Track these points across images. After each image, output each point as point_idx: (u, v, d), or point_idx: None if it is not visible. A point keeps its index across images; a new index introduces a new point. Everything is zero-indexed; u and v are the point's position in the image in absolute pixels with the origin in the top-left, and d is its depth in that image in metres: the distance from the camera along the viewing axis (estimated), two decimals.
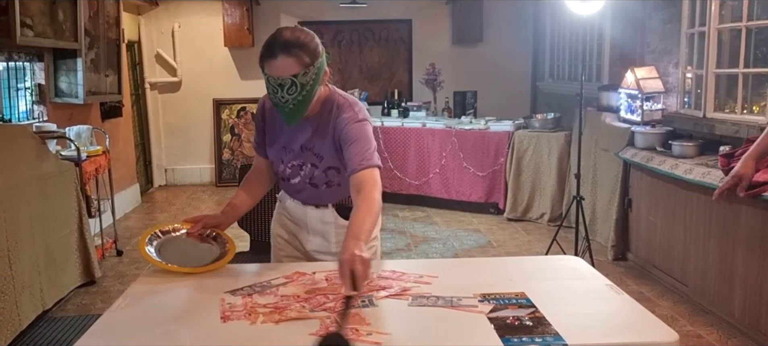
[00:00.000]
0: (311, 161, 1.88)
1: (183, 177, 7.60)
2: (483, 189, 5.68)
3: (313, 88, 1.74)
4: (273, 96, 1.74)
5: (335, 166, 1.87)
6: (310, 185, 1.90)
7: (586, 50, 5.95)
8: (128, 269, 4.32)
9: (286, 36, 1.71)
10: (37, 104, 4.61)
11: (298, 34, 1.74)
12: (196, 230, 1.90)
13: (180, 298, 1.63)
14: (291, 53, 1.69)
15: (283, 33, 1.73)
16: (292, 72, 1.69)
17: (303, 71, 1.70)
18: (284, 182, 1.96)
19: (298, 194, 1.96)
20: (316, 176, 1.88)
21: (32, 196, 3.29)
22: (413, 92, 7.42)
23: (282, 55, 1.69)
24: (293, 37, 1.71)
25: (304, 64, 1.70)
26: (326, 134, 1.85)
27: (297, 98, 1.72)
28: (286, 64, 1.69)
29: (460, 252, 4.68)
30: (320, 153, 1.87)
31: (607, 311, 1.53)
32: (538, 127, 5.52)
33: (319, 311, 1.49)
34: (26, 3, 3.85)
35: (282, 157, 1.92)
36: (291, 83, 1.70)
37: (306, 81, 1.71)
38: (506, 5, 7.35)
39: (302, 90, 1.71)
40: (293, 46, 1.69)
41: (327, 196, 1.93)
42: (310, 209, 1.96)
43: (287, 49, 1.69)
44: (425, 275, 1.72)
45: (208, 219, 1.92)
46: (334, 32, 7.46)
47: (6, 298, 2.95)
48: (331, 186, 1.90)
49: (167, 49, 7.31)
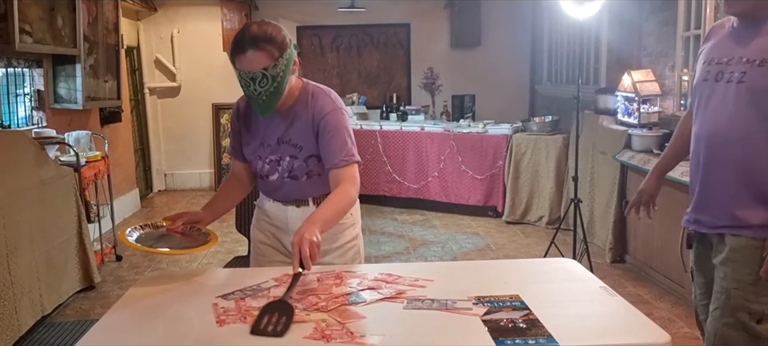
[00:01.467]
0: (290, 153, 1.90)
1: (182, 182, 7.62)
2: (481, 192, 5.69)
3: (284, 79, 1.79)
4: (246, 89, 1.80)
5: (316, 153, 1.89)
6: (289, 178, 1.92)
7: (584, 53, 5.98)
8: (127, 274, 4.33)
9: (254, 30, 1.77)
10: (36, 110, 4.63)
11: (266, 27, 1.79)
12: (177, 225, 1.93)
13: (176, 302, 1.64)
14: (260, 47, 1.75)
15: (250, 28, 1.79)
16: (262, 65, 1.75)
17: (272, 64, 1.76)
18: (262, 180, 1.98)
19: (277, 192, 1.97)
20: (297, 166, 1.90)
21: (31, 201, 3.30)
22: (412, 96, 7.45)
23: (251, 50, 1.75)
24: (261, 32, 1.77)
25: (273, 57, 1.76)
26: (304, 124, 1.88)
27: (269, 90, 1.77)
28: (255, 58, 1.75)
29: (459, 255, 4.69)
30: (298, 143, 1.89)
31: (600, 313, 1.54)
32: (536, 130, 5.53)
33: (312, 311, 1.50)
34: (25, 9, 3.87)
35: (260, 153, 1.94)
36: (262, 76, 1.75)
37: (276, 73, 1.76)
38: (504, 9, 7.38)
39: (273, 82, 1.77)
40: (261, 40, 1.75)
41: (307, 188, 1.93)
42: (290, 209, 1.97)
43: (256, 44, 1.75)
44: (421, 278, 1.73)
45: (188, 215, 1.95)
46: (333, 37, 7.49)
47: (5, 303, 2.96)
48: (311, 176, 1.91)
49: (166, 54, 7.33)
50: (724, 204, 1.81)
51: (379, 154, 6.13)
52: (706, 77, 1.86)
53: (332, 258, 1.97)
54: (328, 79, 7.47)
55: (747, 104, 1.73)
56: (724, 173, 1.80)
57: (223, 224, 5.32)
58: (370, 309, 1.53)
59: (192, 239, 1.93)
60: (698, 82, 1.89)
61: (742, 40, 1.78)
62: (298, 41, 7.49)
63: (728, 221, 1.80)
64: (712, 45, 1.91)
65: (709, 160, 1.85)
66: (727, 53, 1.81)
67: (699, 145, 1.87)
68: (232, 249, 4.81)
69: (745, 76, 1.74)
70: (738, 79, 1.75)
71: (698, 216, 1.91)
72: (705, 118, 1.85)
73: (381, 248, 4.90)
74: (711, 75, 1.84)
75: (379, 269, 1.83)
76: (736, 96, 1.75)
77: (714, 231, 1.86)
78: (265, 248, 2.06)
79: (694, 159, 1.90)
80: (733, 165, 1.78)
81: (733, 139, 1.77)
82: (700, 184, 1.88)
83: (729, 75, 1.78)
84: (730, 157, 1.78)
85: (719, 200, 1.83)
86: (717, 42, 1.89)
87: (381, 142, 6.12)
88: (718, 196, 1.83)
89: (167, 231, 1.93)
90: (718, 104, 1.81)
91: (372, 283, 1.69)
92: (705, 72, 1.87)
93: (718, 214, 1.83)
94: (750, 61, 1.73)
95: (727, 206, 1.80)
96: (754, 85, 1.71)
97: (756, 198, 1.76)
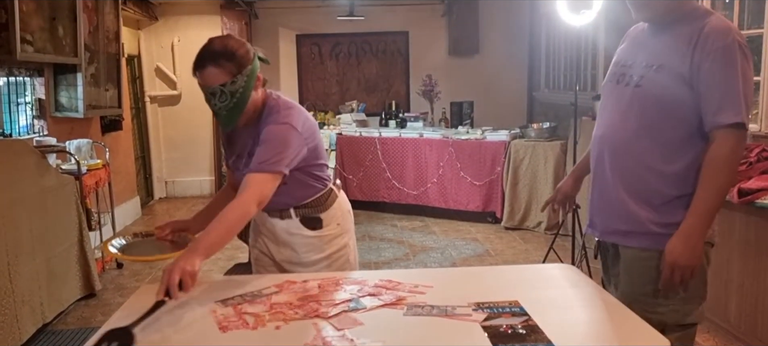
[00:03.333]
0: None
1: (183, 189, 7.63)
2: (480, 198, 5.71)
3: (244, 95, 1.79)
4: (208, 103, 1.81)
5: None
6: None
7: (581, 60, 6.01)
8: (128, 282, 4.34)
9: (215, 46, 1.78)
10: (37, 119, 4.65)
11: (226, 42, 1.80)
12: (165, 232, 1.95)
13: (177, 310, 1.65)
14: (217, 64, 1.76)
15: (212, 43, 1.80)
16: (219, 81, 1.76)
17: (230, 80, 1.76)
18: None
19: None
20: None
21: (33, 210, 3.31)
22: (411, 103, 7.48)
23: (210, 66, 1.77)
24: (220, 47, 1.78)
25: (231, 74, 1.76)
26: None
27: (228, 106, 1.78)
28: (212, 74, 1.76)
29: (458, 261, 4.70)
30: None
31: (599, 318, 1.56)
32: (534, 136, 5.55)
33: (313, 317, 1.52)
34: (26, 19, 3.89)
35: (238, 166, 1.96)
36: (220, 92, 1.77)
37: (234, 89, 1.77)
38: (502, 17, 7.42)
39: (232, 98, 1.77)
40: (219, 57, 1.76)
41: (282, 196, 1.87)
42: (276, 221, 1.98)
43: (214, 60, 1.76)
44: (420, 285, 1.74)
45: (176, 223, 1.98)
46: (333, 45, 7.52)
47: (6, 311, 2.96)
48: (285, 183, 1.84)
49: (167, 62, 7.35)
50: (613, 210, 1.78)
51: (379, 161, 6.15)
52: (610, 79, 1.84)
53: (320, 268, 1.97)
54: (328, 86, 7.50)
55: (637, 109, 1.70)
56: (611, 178, 1.77)
57: None
58: (370, 316, 1.54)
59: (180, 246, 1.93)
60: (604, 84, 1.87)
61: (647, 43, 1.75)
62: (298, 49, 7.51)
63: (619, 228, 1.78)
64: (623, 47, 1.88)
65: (598, 164, 1.82)
66: (632, 56, 1.78)
67: (594, 148, 1.86)
68: (232, 256, 4.82)
69: (642, 79, 1.70)
70: (635, 82, 1.72)
71: (593, 219, 1.89)
72: (600, 120, 1.84)
73: (381, 254, 4.91)
74: (614, 77, 1.82)
75: (379, 275, 1.84)
76: (629, 100, 1.72)
77: (607, 238, 1.85)
78: (262, 257, 2.08)
79: (592, 161, 1.88)
80: (620, 171, 1.74)
81: (620, 144, 1.74)
82: (592, 187, 1.86)
83: (628, 78, 1.75)
84: (617, 162, 1.75)
85: (608, 206, 1.80)
86: (627, 44, 1.86)
87: (380, 149, 6.14)
88: (607, 201, 1.80)
89: (157, 239, 1.96)
90: (613, 107, 1.78)
91: (372, 289, 1.70)
92: (610, 74, 1.85)
93: (608, 219, 1.81)
94: (649, 65, 1.70)
95: (615, 212, 1.78)
96: (647, 92, 1.68)
97: (641, 207, 1.72)
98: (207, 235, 1.67)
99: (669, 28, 1.70)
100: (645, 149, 1.70)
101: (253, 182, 1.73)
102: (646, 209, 1.72)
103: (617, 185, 1.76)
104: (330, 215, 2.00)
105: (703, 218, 1.64)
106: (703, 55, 1.60)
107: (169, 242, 1.95)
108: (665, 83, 1.65)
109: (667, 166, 1.69)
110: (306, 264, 1.97)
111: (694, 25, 1.64)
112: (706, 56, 1.60)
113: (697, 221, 1.64)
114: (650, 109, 1.68)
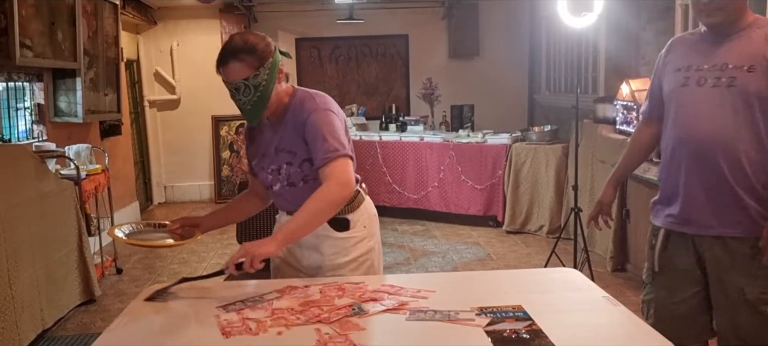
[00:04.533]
0: (286, 160, 1.90)
1: (182, 194, 7.61)
2: (481, 202, 5.69)
3: (268, 88, 1.81)
4: (232, 99, 1.84)
5: (308, 157, 1.88)
6: (288, 186, 1.92)
7: (582, 63, 6.00)
8: (128, 287, 4.32)
9: (235, 42, 1.82)
10: (36, 124, 4.64)
11: (247, 38, 1.83)
12: (175, 226, 1.97)
13: (179, 315, 1.64)
14: (239, 58, 1.78)
15: (233, 39, 1.83)
16: (242, 76, 1.79)
17: (253, 73, 1.79)
18: (270, 191, 2.00)
19: (283, 203, 1.98)
20: (293, 173, 1.89)
21: (32, 215, 3.30)
22: (411, 107, 7.46)
23: (232, 61, 1.79)
24: (241, 42, 1.81)
25: (253, 67, 1.79)
26: (292, 129, 1.88)
27: (252, 99, 1.81)
28: (235, 69, 1.79)
29: (460, 265, 4.68)
30: (293, 149, 1.89)
31: (604, 322, 1.54)
32: (536, 139, 5.54)
33: (315, 322, 1.50)
34: (26, 24, 3.89)
35: (263, 165, 1.96)
36: (244, 86, 1.80)
37: (258, 82, 1.79)
38: (502, 19, 7.42)
39: (256, 91, 1.80)
40: (241, 52, 1.79)
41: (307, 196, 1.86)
42: None
43: (236, 55, 1.79)
44: (423, 290, 1.73)
45: (188, 219, 2.01)
46: (332, 48, 7.52)
47: (6, 317, 2.95)
48: (307, 182, 1.88)
49: (166, 67, 7.35)
50: (719, 205, 1.87)
51: (379, 165, 6.14)
52: (685, 83, 1.93)
53: (345, 272, 1.93)
54: (328, 90, 7.39)
55: (738, 107, 1.83)
56: (717, 174, 1.86)
57: (223, 236, 5.34)
58: (372, 321, 1.53)
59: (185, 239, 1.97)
60: (675, 88, 1.96)
61: (720, 48, 1.89)
62: (297, 53, 7.51)
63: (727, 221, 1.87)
64: (681, 54, 1.99)
65: (699, 163, 1.90)
66: (706, 60, 1.90)
67: (681, 149, 1.93)
68: None
69: (734, 80, 1.84)
70: (727, 83, 1.84)
71: (686, 216, 1.95)
72: (687, 122, 1.92)
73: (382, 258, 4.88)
74: (691, 80, 1.92)
75: (381, 280, 1.83)
76: (722, 99, 1.85)
77: (708, 232, 1.91)
78: (284, 266, 2.03)
79: (675, 163, 1.95)
80: (726, 166, 1.85)
81: (724, 141, 1.85)
82: (686, 186, 1.93)
83: (714, 80, 1.87)
84: (722, 158, 1.85)
85: (713, 201, 1.88)
86: (687, 51, 1.98)
87: (380, 153, 6.12)
88: (712, 196, 1.88)
89: (167, 231, 1.98)
90: (704, 109, 1.88)
91: (374, 294, 1.69)
92: (683, 78, 1.94)
93: (714, 214, 1.89)
94: (737, 66, 1.84)
95: (722, 206, 1.87)
96: (746, 89, 1.82)
97: (748, 196, 1.84)
98: (289, 223, 1.78)
99: (737, 34, 1.87)
100: (747, 143, 1.84)
101: (329, 171, 1.78)
102: (755, 200, 1.85)
103: (722, 179, 1.86)
104: (357, 217, 1.98)
105: None
106: None
107: (178, 235, 1.97)
108: (760, 80, 1.82)
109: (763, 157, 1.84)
110: (331, 268, 1.93)
111: (763, 29, 1.85)
112: None
113: None
114: (749, 105, 1.83)
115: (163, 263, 4.90)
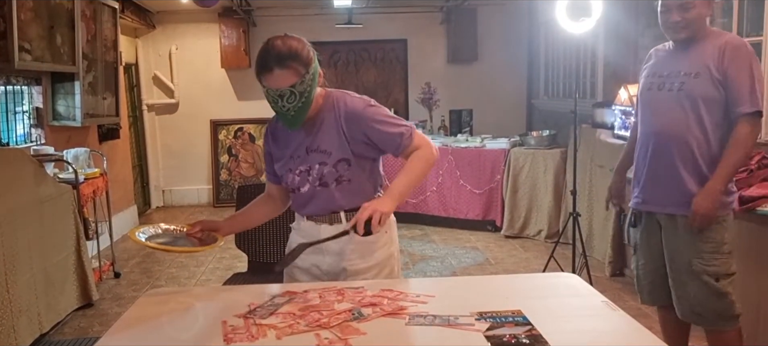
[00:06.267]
0: (319, 160, 1.86)
1: (181, 198, 7.61)
2: (480, 207, 5.70)
3: (311, 93, 1.77)
4: (273, 106, 1.77)
5: (345, 157, 1.85)
6: (320, 186, 1.87)
7: (580, 68, 6.01)
8: (126, 292, 4.32)
9: (279, 48, 1.73)
10: (34, 128, 4.63)
11: (290, 43, 1.76)
12: (195, 229, 1.93)
13: (178, 321, 1.64)
14: (285, 66, 1.72)
15: (275, 45, 1.75)
16: (289, 83, 1.73)
17: (300, 80, 1.73)
18: (294, 193, 1.94)
19: (309, 204, 1.91)
20: (326, 173, 1.85)
21: (30, 219, 3.29)
22: (409, 111, 7.47)
23: (277, 69, 1.72)
24: (285, 48, 1.73)
25: (299, 74, 1.73)
26: (330, 128, 1.85)
27: (297, 106, 1.76)
28: (282, 77, 1.72)
29: (458, 270, 4.68)
30: (328, 149, 1.85)
31: (603, 327, 1.54)
32: (534, 144, 5.55)
33: (315, 327, 1.50)
34: (25, 27, 3.89)
35: (290, 166, 1.91)
36: (290, 93, 1.74)
37: (303, 89, 1.75)
38: (501, 24, 7.43)
39: (301, 97, 1.75)
40: (287, 58, 1.72)
41: (338, 197, 1.87)
42: (324, 227, 1.91)
43: (281, 62, 1.72)
44: (422, 294, 1.73)
45: (207, 222, 1.96)
46: (331, 52, 7.53)
47: (3, 322, 2.94)
48: (341, 182, 1.86)
49: (164, 71, 7.35)
50: (671, 187, 2.29)
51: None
52: (650, 87, 2.38)
53: (366, 277, 1.91)
54: None
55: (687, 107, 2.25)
56: (670, 161, 2.29)
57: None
58: (372, 325, 1.53)
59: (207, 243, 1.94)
60: (643, 91, 2.42)
61: (678, 58, 2.32)
62: None
63: (676, 201, 2.28)
64: (653, 62, 2.43)
65: (656, 152, 2.33)
66: (667, 68, 2.33)
67: (647, 141, 2.36)
68: (231, 265, 4.80)
69: (683, 85, 2.26)
70: (678, 88, 2.27)
71: (647, 197, 2.39)
72: (651, 119, 2.36)
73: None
74: (654, 85, 2.36)
75: (381, 284, 1.83)
76: (676, 101, 2.27)
77: (663, 210, 2.34)
78: (300, 273, 1.98)
79: (642, 152, 2.39)
80: (677, 155, 2.27)
81: (675, 134, 2.27)
82: (647, 172, 2.37)
83: (670, 85, 2.30)
84: (674, 149, 2.28)
85: (666, 184, 2.31)
86: (657, 60, 2.42)
87: None
88: (665, 180, 2.31)
89: (186, 235, 1.94)
90: (662, 108, 2.31)
91: (373, 299, 1.69)
92: (649, 83, 2.39)
93: (667, 195, 2.31)
94: (687, 73, 2.26)
95: (673, 188, 2.29)
96: (692, 93, 2.24)
97: (694, 180, 2.25)
98: (396, 184, 1.85)
99: (695, 45, 2.27)
100: (696, 135, 2.24)
101: (416, 143, 1.90)
102: (697, 184, 2.25)
103: (675, 165, 2.28)
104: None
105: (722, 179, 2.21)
106: (728, 63, 2.19)
107: (197, 239, 1.93)
108: (704, 85, 2.22)
109: (708, 148, 2.25)
110: (352, 273, 1.90)
111: (716, 41, 2.23)
112: (730, 63, 2.19)
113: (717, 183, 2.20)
114: (696, 105, 2.23)
115: (161, 267, 4.89)
